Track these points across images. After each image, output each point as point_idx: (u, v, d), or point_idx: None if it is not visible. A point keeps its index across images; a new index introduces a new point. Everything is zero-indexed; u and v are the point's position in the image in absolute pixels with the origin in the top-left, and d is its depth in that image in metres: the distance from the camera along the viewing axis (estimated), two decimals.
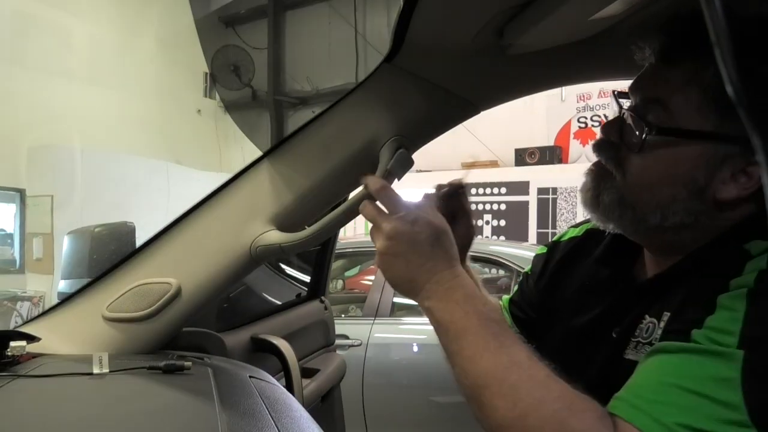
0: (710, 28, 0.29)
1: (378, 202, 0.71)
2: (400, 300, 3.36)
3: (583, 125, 6.52)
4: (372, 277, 3.63)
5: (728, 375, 0.50)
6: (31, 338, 0.78)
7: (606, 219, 0.69)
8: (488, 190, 6.77)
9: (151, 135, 7.88)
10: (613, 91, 0.73)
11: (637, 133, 0.64)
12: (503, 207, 6.69)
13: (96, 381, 0.69)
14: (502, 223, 6.66)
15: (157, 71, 8.16)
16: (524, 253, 3.12)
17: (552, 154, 6.52)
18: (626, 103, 0.70)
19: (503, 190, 6.68)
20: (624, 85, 0.72)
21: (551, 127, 6.75)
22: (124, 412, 0.62)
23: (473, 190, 6.87)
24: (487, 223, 6.78)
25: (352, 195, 0.86)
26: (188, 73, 8.85)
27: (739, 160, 0.60)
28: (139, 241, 0.94)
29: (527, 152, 6.62)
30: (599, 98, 6.32)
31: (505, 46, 0.76)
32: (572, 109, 6.53)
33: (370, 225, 0.70)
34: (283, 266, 1.89)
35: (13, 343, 0.74)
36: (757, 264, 0.55)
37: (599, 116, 6.34)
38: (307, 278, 1.83)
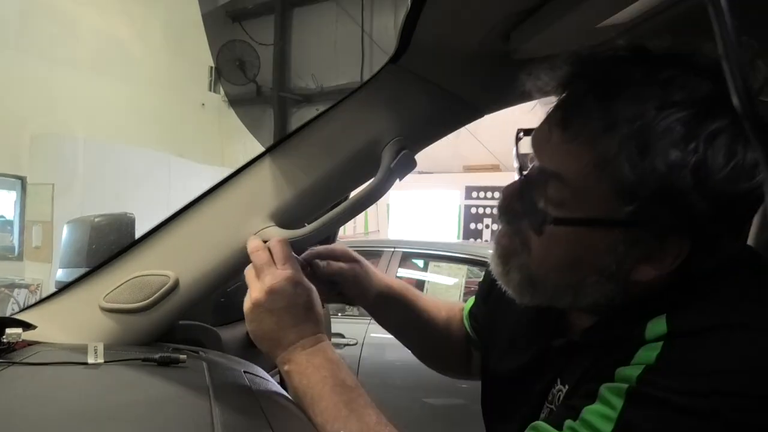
0: (719, 41, 0.29)
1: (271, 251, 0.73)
2: None
3: None
4: None
5: None
6: (27, 326, 0.78)
7: (520, 296, 0.64)
8: (489, 194, 6.77)
9: (154, 127, 7.88)
10: (517, 133, 0.66)
11: (536, 215, 0.58)
12: None
13: (90, 371, 0.69)
14: None
15: (163, 63, 8.16)
16: None
17: None
18: (524, 144, 0.65)
19: None
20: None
21: None
22: (117, 403, 0.62)
23: (473, 194, 6.87)
24: (487, 227, 6.77)
25: (353, 194, 0.86)
26: (193, 67, 8.86)
27: (650, 242, 0.54)
28: (139, 232, 0.94)
29: (529, 157, 6.61)
30: None
31: (512, 50, 0.76)
32: None
33: (371, 225, 0.70)
34: None
35: (8, 330, 0.74)
36: (647, 355, 0.52)
37: None
38: None
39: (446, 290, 3.27)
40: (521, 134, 0.66)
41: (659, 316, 0.54)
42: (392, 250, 3.42)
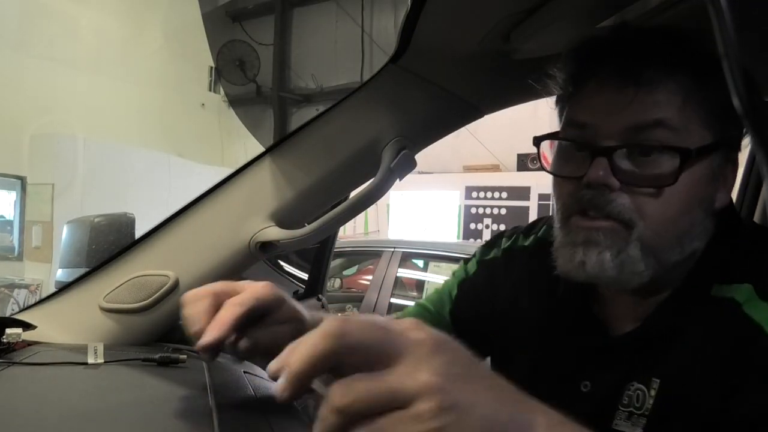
0: (719, 41, 0.29)
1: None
2: (396, 301, 3.36)
3: None
4: (369, 277, 3.63)
5: None
6: (26, 326, 0.78)
7: (635, 274, 0.59)
8: (489, 194, 6.77)
9: (154, 127, 7.88)
10: (539, 139, 0.67)
11: (656, 166, 0.58)
12: (503, 211, 6.69)
13: (90, 371, 0.69)
14: (502, 227, 6.66)
15: (163, 63, 8.16)
16: None
17: None
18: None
19: (504, 194, 6.68)
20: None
21: None
22: (117, 403, 0.62)
23: (473, 194, 6.87)
24: (487, 227, 6.78)
25: (353, 194, 0.86)
26: (193, 67, 8.85)
27: (727, 164, 0.60)
28: (139, 232, 0.94)
29: (530, 157, 6.62)
30: None
31: (512, 50, 0.76)
32: None
33: (371, 225, 0.66)
34: (281, 263, 1.89)
35: (8, 330, 0.74)
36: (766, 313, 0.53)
37: None
38: (305, 276, 1.83)
39: None
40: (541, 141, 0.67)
41: (728, 284, 0.57)
42: (392, 250, 3.42)
